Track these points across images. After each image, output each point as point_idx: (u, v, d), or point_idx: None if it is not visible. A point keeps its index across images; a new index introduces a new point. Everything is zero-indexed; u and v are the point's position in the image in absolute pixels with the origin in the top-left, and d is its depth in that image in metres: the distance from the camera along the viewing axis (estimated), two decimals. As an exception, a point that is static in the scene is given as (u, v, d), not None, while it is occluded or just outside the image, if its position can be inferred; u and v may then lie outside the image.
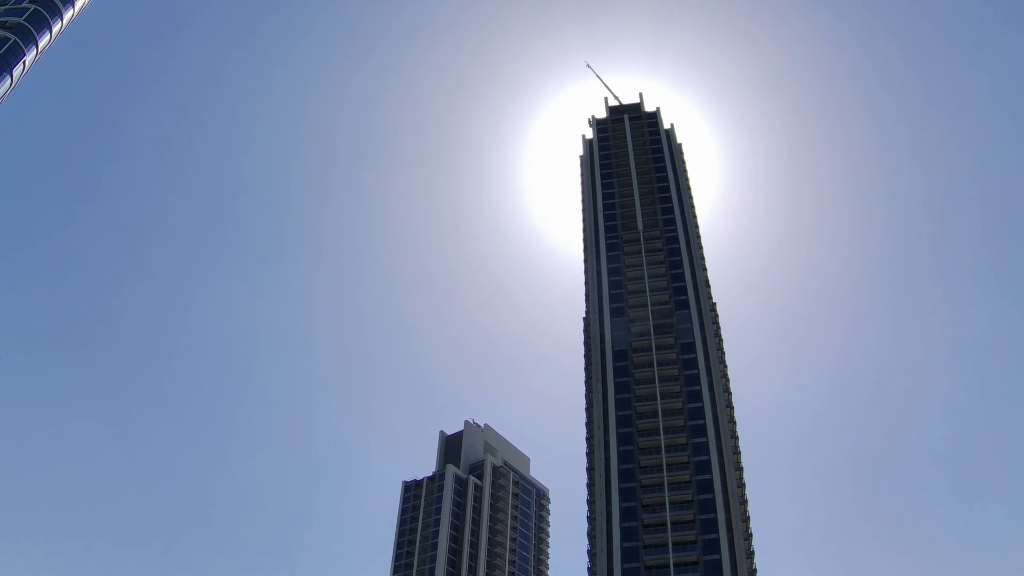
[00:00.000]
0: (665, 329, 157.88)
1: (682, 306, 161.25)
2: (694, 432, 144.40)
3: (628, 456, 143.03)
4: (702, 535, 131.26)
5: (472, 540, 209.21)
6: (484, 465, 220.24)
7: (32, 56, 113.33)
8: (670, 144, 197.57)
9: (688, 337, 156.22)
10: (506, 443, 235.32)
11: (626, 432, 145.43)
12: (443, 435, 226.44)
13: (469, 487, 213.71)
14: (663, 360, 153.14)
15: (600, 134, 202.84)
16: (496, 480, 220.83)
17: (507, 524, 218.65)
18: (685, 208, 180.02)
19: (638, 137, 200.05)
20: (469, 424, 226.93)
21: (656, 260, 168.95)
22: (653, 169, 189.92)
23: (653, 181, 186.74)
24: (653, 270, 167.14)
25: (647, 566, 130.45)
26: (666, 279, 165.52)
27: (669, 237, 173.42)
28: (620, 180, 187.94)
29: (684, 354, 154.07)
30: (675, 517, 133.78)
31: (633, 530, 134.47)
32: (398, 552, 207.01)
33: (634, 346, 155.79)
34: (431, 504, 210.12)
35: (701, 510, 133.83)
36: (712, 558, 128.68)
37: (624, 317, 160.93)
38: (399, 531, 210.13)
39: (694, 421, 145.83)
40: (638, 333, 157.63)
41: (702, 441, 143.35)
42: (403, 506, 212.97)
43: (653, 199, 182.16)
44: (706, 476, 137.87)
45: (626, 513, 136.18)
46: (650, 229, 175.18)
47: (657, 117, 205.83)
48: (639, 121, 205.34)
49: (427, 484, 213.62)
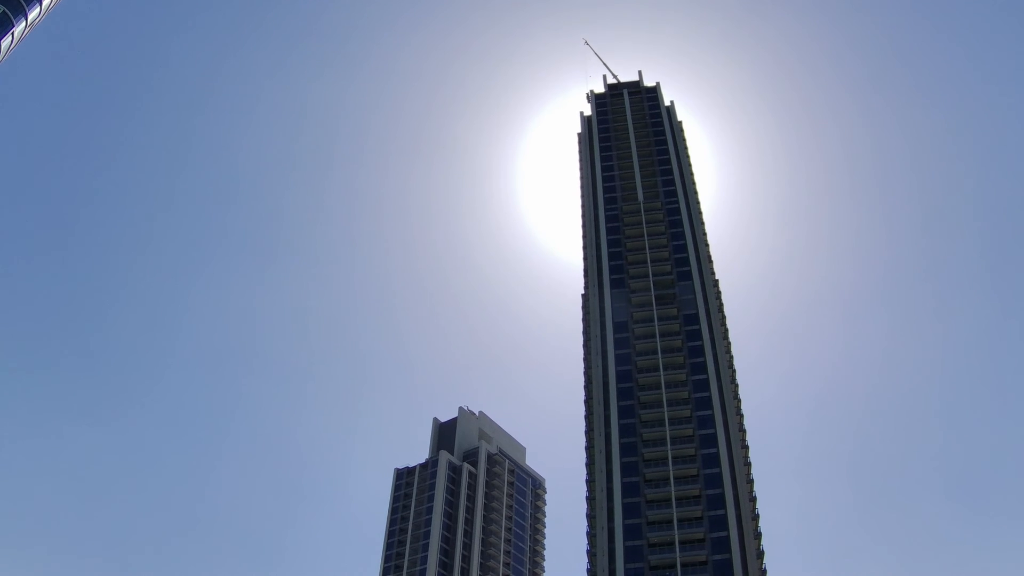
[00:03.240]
0: (667, 300, 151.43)
1: (684, 277, 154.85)
2: (698, 404, 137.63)
3: (629, 429, 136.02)
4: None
5: (466, 529, 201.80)
6: (479, 452, 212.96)
7: (7, 44, 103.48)
8: (670, 120, 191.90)
9: (691, 308, 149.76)
10: (501, 431, 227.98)
11: (627, 405, 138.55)
12: (436, 422, 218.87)
13: (463, 474, 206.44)
14: (666, 331, 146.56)
15: (599, 109, 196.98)
16: (491, 468, 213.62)
17: (502, 514, 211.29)
18: (686, 180, 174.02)
19: (637, 111, 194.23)
20: (463, 411, 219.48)
21: (657, 231, 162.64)
22: (653, 142, 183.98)
23: (653, 154, 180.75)
24: (654, 241, 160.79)
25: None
26: (668, 250, 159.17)
27: (670, 208, 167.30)
28: (619, 153, 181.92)
29: (687, 325, 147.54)
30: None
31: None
32: (389, 542, 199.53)
33: (635, 317, 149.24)
34: (423, 492, 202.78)
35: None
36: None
37: (624, 289, 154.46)
38: (390, 520, 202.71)
39: (699, 393, 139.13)
40: (639, 304, 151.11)
41: (708, 419, 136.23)
42: (395, 494, 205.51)
43: (653, 171, 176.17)
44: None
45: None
46: (651, 200, 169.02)
47: (657, 92, 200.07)
48: (638, 96, 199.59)
49: (419, 471, 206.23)
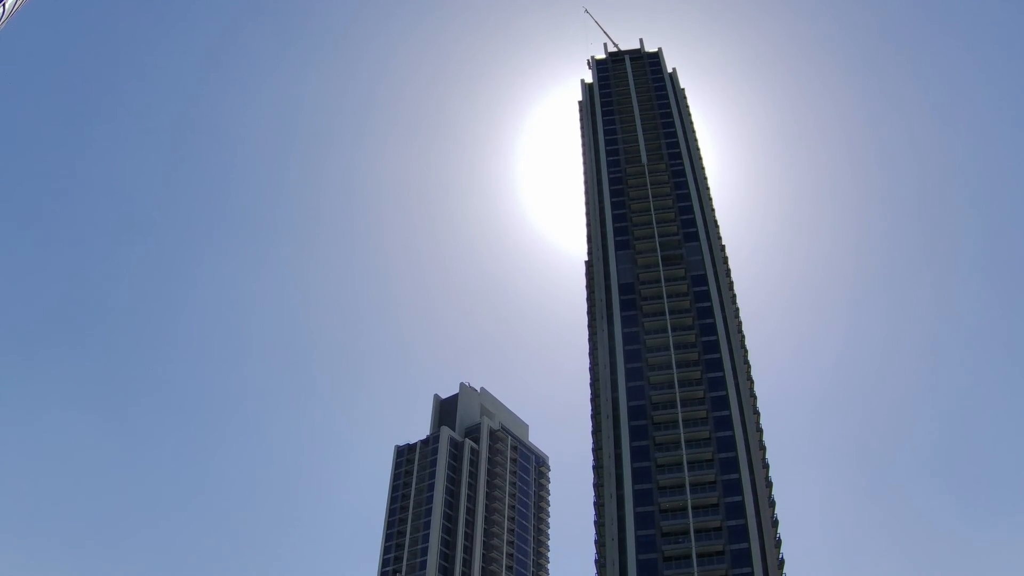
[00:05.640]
0: (675, 261, 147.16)
1: (691, 238, 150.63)
2: (709, 366, 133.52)
3: (638, 392, 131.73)
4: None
5: (468, 507, 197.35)
6: (481, 428, 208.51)
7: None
8: (673, 84, 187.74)
9: (699, 269, 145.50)
10: (503, 408, 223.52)
11: (635, 367, 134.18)
12: (437, 398, 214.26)
13: (465, 451, 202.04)
14: (673, 292, 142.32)
15: (600, 74, 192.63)
16: (493, 444, 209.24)
17: (505, 491, 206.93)
18: (690, 143, 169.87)
19: (640, 76, 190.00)
20: (464, 387, 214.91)
21: (662, 192, 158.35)
22: (656, 106, 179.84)
23: (657, 117, 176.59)
24: (659, 202, 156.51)
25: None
26: (673, 211, 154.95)
27: (675, 170, 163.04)
28: (622, 116, 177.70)
29: (695, 286, 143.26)
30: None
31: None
32: (390, 520, 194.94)
33: (641, 279, 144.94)
34: (424, 469, 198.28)
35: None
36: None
37: (630, 250, 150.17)
38: (391, 498, 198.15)
39: (709, 355, 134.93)
40: (645, 265, 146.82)
41: (719, 381, 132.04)
42: (395, 471, 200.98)
43: (657, 134, 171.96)
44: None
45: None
46: (655, 162, 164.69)
47: (659, 57, 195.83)
48: (640, 61, 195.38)
49: (420, 448, 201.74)
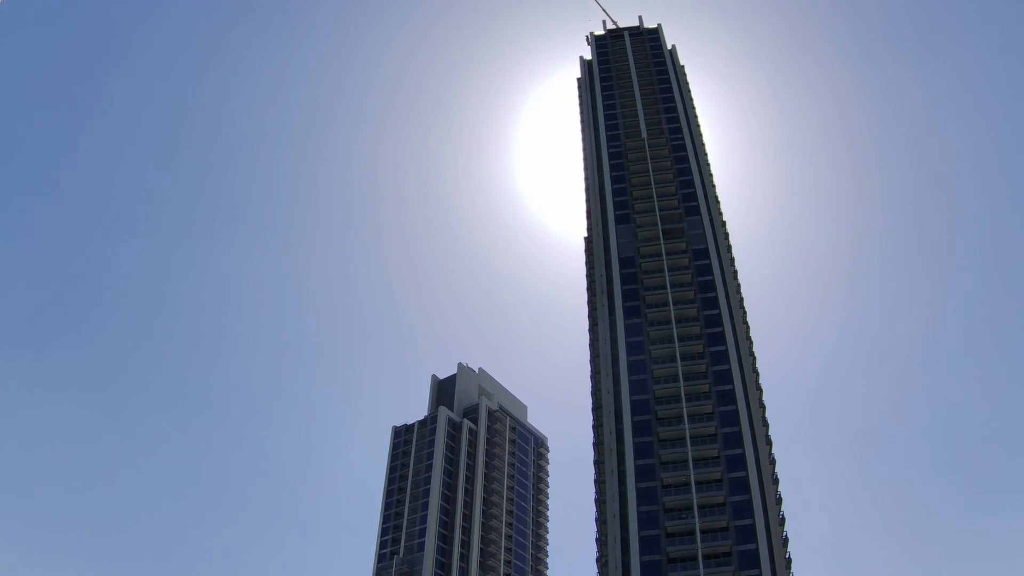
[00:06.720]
0: (676, 234, 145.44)
1: (692, 212, 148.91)
2: (711, 340, 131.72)
3: (640, 366, 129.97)
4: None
5: (467, 488, 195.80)
6: (479, 408, 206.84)
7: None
8: (673, 60, 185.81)
9: (700, 243, 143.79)
10: (502, 388, 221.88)
11: (636, 341, 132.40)
12: (435, 379, 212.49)
13: (463, 431, 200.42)
14: (674, 266, 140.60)
15: (599, 51, 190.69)
16: (492, 424, 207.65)
17: (503, 472, 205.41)
18: (690, 118, 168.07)
19: (639, 52, 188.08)
20: (463, 367, 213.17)
21: (663, 166, 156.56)
22: (656, 81, 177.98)
23: (656, 92, 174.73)
24: (660, 176, 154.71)
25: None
26: (674, 184, 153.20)
27: (676, 145, 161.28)
28: (622, 91, 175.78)
29: (697, 260, 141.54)
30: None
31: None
32: (388, 501, 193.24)
33: (642, 252, 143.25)
34: (422, 449, 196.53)
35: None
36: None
37: (630, 224, 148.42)
38: (389, 479, 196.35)
39: (711, 329, 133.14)
40: (646, 239, 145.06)
41: (722, 355, 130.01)
42: (393, 452, 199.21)
43: (657, 109, 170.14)
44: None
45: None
46: (655, 137, 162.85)
47: (659, 33, 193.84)
48: (640, 37, 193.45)
49: (418, 428, 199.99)
